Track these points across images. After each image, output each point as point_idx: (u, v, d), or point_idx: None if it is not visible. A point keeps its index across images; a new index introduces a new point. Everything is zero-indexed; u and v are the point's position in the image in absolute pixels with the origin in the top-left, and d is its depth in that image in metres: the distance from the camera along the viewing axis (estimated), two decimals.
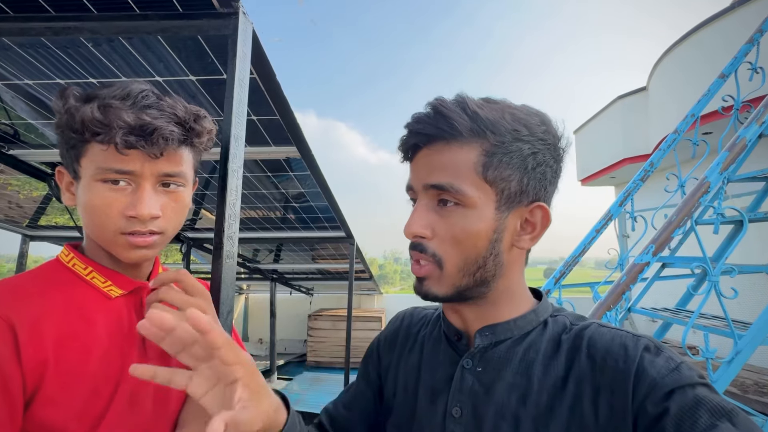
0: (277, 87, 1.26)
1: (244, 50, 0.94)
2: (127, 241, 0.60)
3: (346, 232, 3.01)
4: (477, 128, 0.47)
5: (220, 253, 0.84)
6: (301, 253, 4.44)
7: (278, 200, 2.62)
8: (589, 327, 0.49)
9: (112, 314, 0.63)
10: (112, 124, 0.55)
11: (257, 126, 1.55)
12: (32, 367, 0.53)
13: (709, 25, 4.25)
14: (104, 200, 0.58)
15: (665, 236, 1.52)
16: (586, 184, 7.60)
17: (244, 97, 0.93)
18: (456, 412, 0.52)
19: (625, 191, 2.47)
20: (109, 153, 0.57)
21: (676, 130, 2.46)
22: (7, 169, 2.01)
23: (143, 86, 0.62)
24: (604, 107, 6.71)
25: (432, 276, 0.51)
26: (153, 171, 0.60)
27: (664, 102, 5.03)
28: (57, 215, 3.12)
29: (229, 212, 0.86)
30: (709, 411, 0.38)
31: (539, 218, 0.51)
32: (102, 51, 1.20)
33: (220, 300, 0.83)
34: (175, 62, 1.23)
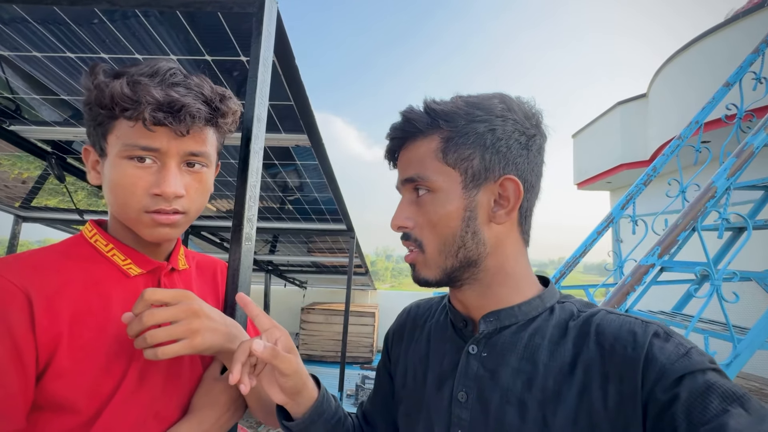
0: (295, 71, 1.24)
1: (269, 29, 0.91)
2: (152, 219, 0.59)
3: (348, 225, 2.99)
4: (432, 121, 0.52)
5: (239, 236, 0.82)
6: (298, 245, 4.41)
7: (282, 190, 2.59)
8: (597, 314, 0.49)
9: (128, 292, 0.62)
10: (141, 99, 0.55)
11: (269, 111, 1.52)
12: (46, 340, 0.52)
13: (713, 34, 4.30)
14: (129, 178, 0.58)
15: (671, 239, 1.53)
16: (582, 188, 7.67)
17: (267, 78, 0.91)
18: (462, 397, 0.53)
19: (627, 195, 2.49)
20: (136, 130, 0.57)
21: (680, 137, 2.48)
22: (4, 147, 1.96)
23: (171, 64, 0.61)
24: (603, 113, 6.77)
25: (418, 260, 0.55)
26: (178, 149, 0.60)
27: (665, 109, 5.08)
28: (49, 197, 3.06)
29: (250, 194, 0.85)
30: (721, 396, 0.38)
31: (511, 191, 0.52)
32: (117, 27, 1.17)
33: (239, 283, 0.81)
34: (192, 41, 1.20)
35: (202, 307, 0.58)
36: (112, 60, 1.30)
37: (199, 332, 0.56)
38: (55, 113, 1.73)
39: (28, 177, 2.64)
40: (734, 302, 1.54)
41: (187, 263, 0.77)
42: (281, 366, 0.53)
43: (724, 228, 1.61)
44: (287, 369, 0.54)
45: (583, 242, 2.47)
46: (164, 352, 0.53)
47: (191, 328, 0.55)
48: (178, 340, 0.55)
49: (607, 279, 2.70)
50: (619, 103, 6.35)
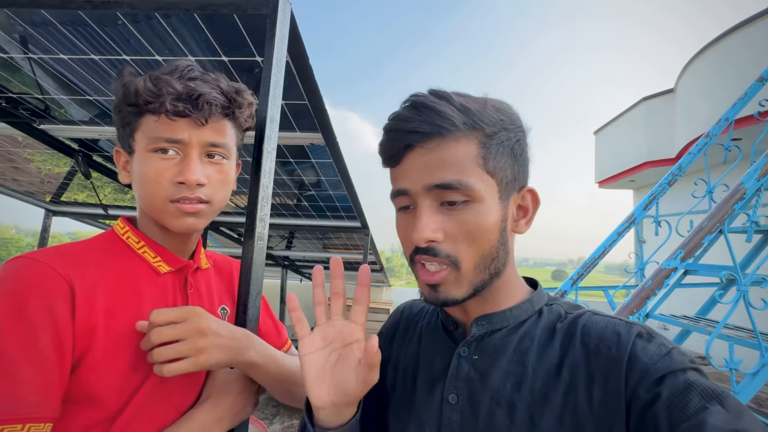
0: (309, 71, 1.25)
1: (283, 30, 0.92)
2: (177, 208, 0.62)
3: (362, 223, 3.00)
4: (470, 121, 0.47)
5: (251, 235, 0.84)
6: (314, 241, 4.46)
7: (298, 187, 2.62)
8: (583, 315, 0.50)
9: (158, 290, 0.65)
10: (162, 91, 0.59)
11: (284, 110, 1.54)
12: (84, 331, 0.54)
13: (745, 27, 4.09)
14: (155, 169, 0.61)
15: (695, 242, 1.48)
16: (604, 186, 7.46)
17: (280, 79, 0.92)
18: (452, 399, 0.52)
19: (650, 195, 2.41)
20: (160, 123, 0.61)
21: (708, 134, 2.38)
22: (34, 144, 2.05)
23: (188, 62, 0.65)
24: (627, 109, 6.55)
25: (448, 280, 0.49)
26: (199, 140, 0.63)
27: (693, 105, 4.88)
28: (78, 192, 3.19)
29: (262, 194, 0.86)
30: (700, 394, 0.39)
31: (530, 201, 0.53)
32: (138, 29, 1.20)
33: (251, 281, 0.83)
34: (209, 43, 1.22)
35: (209, 325, 0.59)
36: (134, 61, 1.34)
37: (205, 350, 0.58)
38: (81, 112, 1.79)
39: (57, 173, 2.76)
40: (763, 309, 1.47)
41: (208, 262, 0.79)
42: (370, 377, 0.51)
43: (753, 231, 1.54)
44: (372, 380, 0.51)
45: (602, 243, 2.41)
46: (169, 370, 0.56)
47: (197, 347, 0.57)
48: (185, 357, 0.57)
49: (627, 281, 2.63)
50: (644, 98, 6.13)
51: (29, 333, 0.50)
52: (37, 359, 0.50)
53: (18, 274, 0.52)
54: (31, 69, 1.48)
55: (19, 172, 2.70)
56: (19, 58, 1.42)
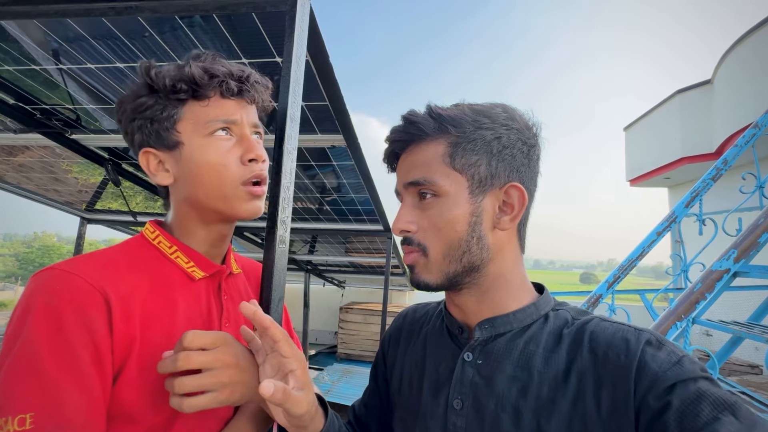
0: (329, 69, 1.22)
1: (302, 27, 0.89)
2: (248, 191, 0.61)
3: (384, 226, 2.96)
4: (440, 126, 0.52)
5: (273, 237, 0.81)
6: (336, 245, 4.45)
7: (320, 191, 2.61)
8: (591, 321, 0.50)
9: (192, 297, 0.61)
10: (217, 73, 0.58)
11: (305, 112, 1.52)
12: (122, 344, 0.51)
13: None
14: (219, 153, 0.59)
15: (751, 241, 1.35)
16: (636, 184, 7.13)
17: (300, 77, 0.89)
18: (457, 404, 0.52)
19: (693, 191, 2.25)
20: (211, 108, 0.59)
21: (756, 125, 2.20)
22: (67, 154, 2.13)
23: (201, 51, 0.64)
24: (660, 102, 6.25)
25: (419, 263, 0.53)
26: (248, 120, 0.63)
27: (735, 96, 4.58)
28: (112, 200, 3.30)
29: (284, 195, 0.83)
30: (712, 404, 0.38)
31: (516, 198, 0.52)
32: (164, 39, 1.22)
33: (272, 286, 0.79)
34: (232, 48, 1.22)
35: (237, 358, 0.53)
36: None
37: (228, 386, 0.52)
38: (111, 122, 1.84)
39: (93, 183, 2.86)
40: None
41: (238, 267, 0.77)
42: (292, 409, 0.50)
43: None
44: (297, 412, 0.50)
45: (640, 244, 2.26)
46: (190, 405, 0.49)
47: (221, 381, 0.51)
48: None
49: (668, 284, 2.46)
50: (679, 91, 5.83)
51: (68, 352, 0.47)
52: (80, 379, 0.47)
53: (50, 288, 0.49)
54: (63, 80, 1.53)
55: (59, 183, 2.82)
56: (52, 69, 1.47)
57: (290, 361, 0.52)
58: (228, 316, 0.66)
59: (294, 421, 0.53)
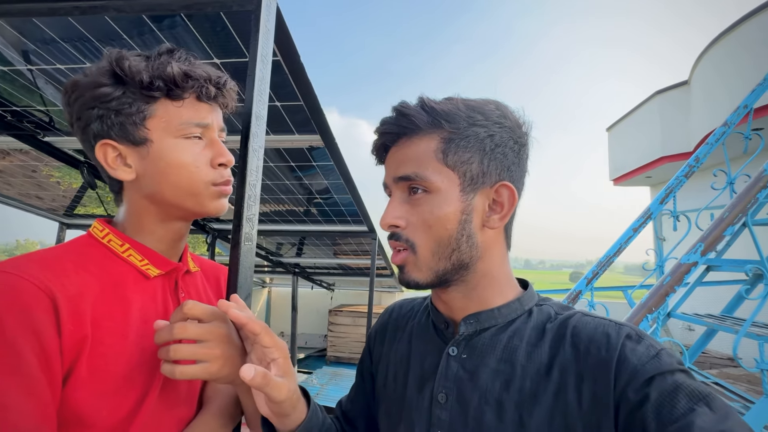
0: (300, 69, 1.23)
1: (268, 26, 0.90)
2: (218, 191, 0.62)
3: (369, 227, 2.97)
4: (434, 120, 0.51)
5: (239, 235, 0.81)
6: (323, 247, 4.45)
7: (302, 193, 2.61)
8: (573, 316, 0.51)
9: (147, 295, 0.60)
10: (195, 76, 0.58)
11: (281, 112, 1.52)
12: (71, 345, 0.50)
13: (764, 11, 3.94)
14: (191, 154, 0.59)
15: (716, 234, 1.39)
16: (619, 183, 7.26)
17: (266, 75, 0.89)
18: (441, 398, 0.53)
19: (667, 188, 2.31)
20: (186, 108, 0.59)
21: (726, 123, 2.27)
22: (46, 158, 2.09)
23: (171, 46, 0.62)
24: (641, 103, 6.38)
25: (409, 262, 0.53)
26: (218, 123, 0.63)
27: (710, 95, 4.71)
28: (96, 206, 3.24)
29: (249, 193, 0.83)
30: (688, 395, 0.39)
31: (506, 197, 0.52)
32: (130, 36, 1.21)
33: (238, 283, 0.79)
34: (201, 46, 1.22)
35: (231, 334, 0.54)
36: None
37: (219, 359, 0.53)
38: None
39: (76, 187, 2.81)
40: None
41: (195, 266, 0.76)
42: (272, 394, 0.50)
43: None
44: (277, 397, 0.51)
45: (617, 240, 2.31)
46: (182, 372, 0.50)
47: (214, 353, 0.52)
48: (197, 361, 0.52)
49: (646, 279, 2.51)
50: (658, 92, 5.97)
51: (12, 355, 0.45)
52: (26, 383, 0.46)
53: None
54: (33, 82, 1.50)
55: (41, 188, 2.76)
56: (24, 71, 1.45)
57: (272, 350, 0.52)
58: None
59: (275, 407, 0.53)
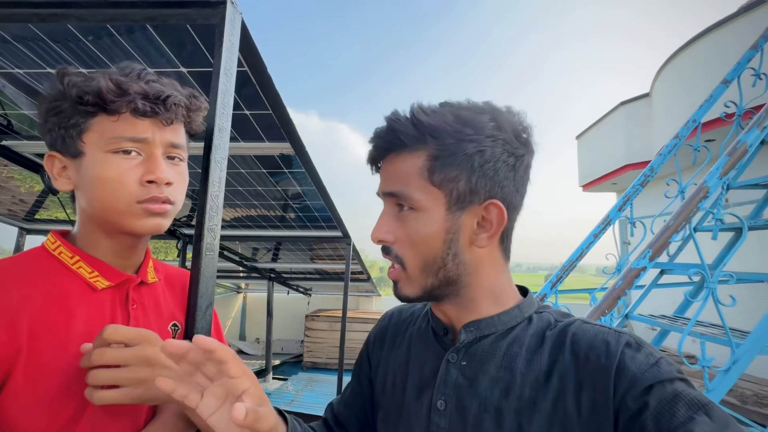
0: (268, 80, 1.24)
1: (232, 40, 0.92)
2: (143, 209, 0.60)
3: (343, 232, 2.99)
4: (420, 136, 0.49)
5: (200, 245, 0.82)
6: (299, 252, 4.42)
7: (276, 199, 2.60)
8: (573, 323, 0.50)
9: (94, 308, 0.61)
10: (129, 91, 0.57)
11: (251, 121, 1.53)
12: (3, 355, 0.50)
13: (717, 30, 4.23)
14: (118, 170, 0.58)
15: (662, 241, 1.49)
16: (588, 189, 7.56)
17: (230, 87, 0.91)
18: (441, 405, 0.53)
19: (624, 196, 2.44)
20: (121, 123, 0.59)
21: (677, 136, 2.43)
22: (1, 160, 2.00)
23: (141, 66, 0.63)
24: (607, 113, 6.69)
25: (401, 278, 0.53)
26: (162, 140, 0.61)
27: (667, 108, 5.00)
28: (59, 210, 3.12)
29: (211, 204, 0.84)
30: (687, 404, 0.39)
31: (495, 216, 0.51)
32: (94, 43, 1.19)
33: (199, 293, 0.80)
34: (166, 53, 1.22)
35: (158, 355, 0.53)
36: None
37: (144, 383, 0.52)
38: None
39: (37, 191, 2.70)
40: (731, 305, 1.48)
41: (156, 276, 0.76)
42: (261, 428, 0.48)
43: (718, 229, 1.57)
44: (265, 428, 0.48)
45: (579, 245, 2.42)
46: (99, 397, 0.50)
47: (137, 377, 0.52)
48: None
49: (606, 282, 2.64)
50: (622, 103, 6.27)
51: None
52: None
53: None
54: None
55: (3, 191, 2.64)
56: None
57: (242, 380, 0.48)
58: (137, 326, 0.65)
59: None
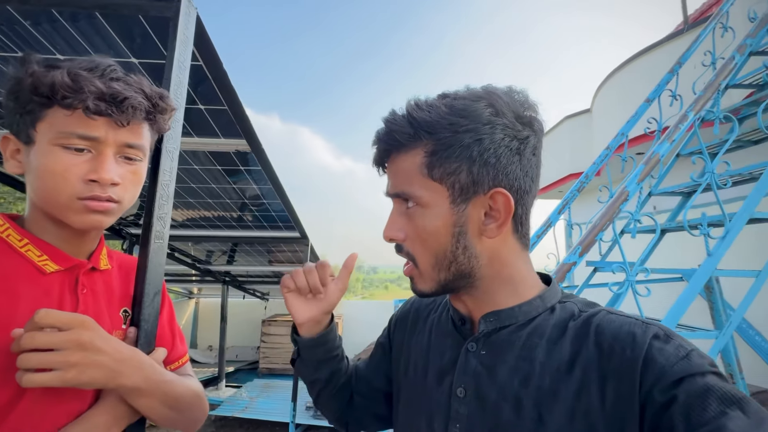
0: (223, 76, 1.26)
1: (186, 34, 0.94)
2: (84, 205, 0.59)
3: (301, 233, 2.99)
4: (415, 133, 0.50)
5: (148, 233, 0.83)
6: (256, 255, 4.33)
7: (233, 198, 2.56)
8: (598, 314, 0.49)
9: (41, 290, 0.61)
10: (84, 89, 0.56)
11: (205, 116, 1.53)
12: None
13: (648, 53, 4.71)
14: (63, 165, 0.58)
15: (590, 238, 1.66)
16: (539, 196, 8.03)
17: (183, 80, 0.93)
18: (460, 393, 0.53)
19: (563, 201, 2.66)
20: (74, 118, 0.58)
21: (608, 147, 2.70)
22: None
23: (109, 61, 0.63)
24: (554, 126, 7.18)
25: (414, 274, 0.55)
26: (116, 140, 0.61)
27: (606, 122, 5.47)
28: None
29: (161, 192, 0.85)
30: (719, 399, 0.37)
31: (501, 204, 0.50)
32: (42, 31, 1.15)
33: (147, 280, 0.81)
34: (115, 43, 1.20)
35: (93, 340, 0.54)
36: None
37: (77, 366, 0.52)
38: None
39: None
40: (646, 296, 1.68)
41: (109, 263, 0.76)
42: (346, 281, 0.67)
43: (636, 230, 1.77)
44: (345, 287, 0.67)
45: None
46: (28, 380, 0.50)
47: (68, 360, 0.52)
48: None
49: None
50: (567, 117, 6.77)
51: None
52: None
53: None
54: None
55: None
56: None
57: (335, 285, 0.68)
58: (86, 310, 0.65)
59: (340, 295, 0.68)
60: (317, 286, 0.66)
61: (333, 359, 0.71)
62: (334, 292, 0.67)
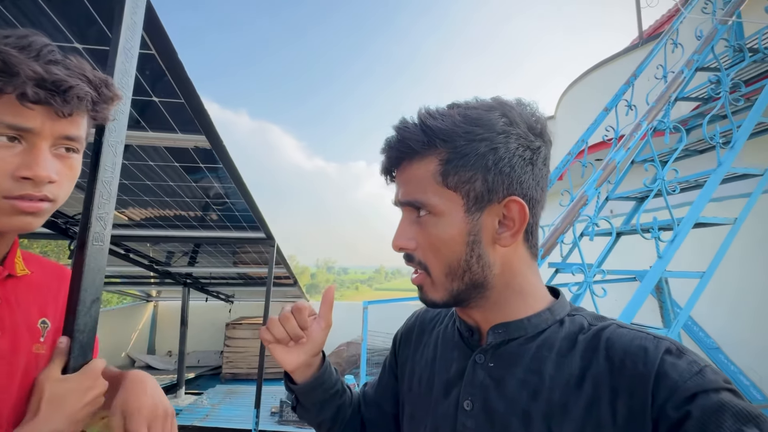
0: (178, 66, 1.19)
1: (134, 18, 0.87)
2: (12, 206, 0.52)
3: (266, 233, 2.90)
4: (430, 141, 0.49)
5: (86, 235, 0.76)
6: (220, 256, 4.17)
7: (194, 197, 2.44)
8: (607, 328, 0.48)
9: None
10: (21, 73, 0.49)
11: (160, 109, 1.44)
12: None
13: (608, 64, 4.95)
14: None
15: (552, 240, 1.71)
16: None
17: (130, 69, 0.85)
18: (467, 405, 0.52)
19: None
20: (3, 105, 0.50)
21: (569, 153, 2.80)
22: None
23: (45, 39, 0.55)
24: None
25: (425, 283, 0.53)
26: (53, 132, 0.54)
27: (568, 129, 5.71)
28: None
29: (102, 190, 0.78)
30: (735, 416, 0.37)
31: (516, 213, 0.50)
32: None
33: (83, 287, 0.74)
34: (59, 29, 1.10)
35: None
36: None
37: None
38: None
39: None
40: (602, 296, 1.75)
41: (27, 268, 0.69)
42: (329, 318, 0.64)
43: (594, 232, 1.84)
44: (329, 323, 0.64)
45: None
46: None
47: None
48: None
49: None
50: None
51: None
52: None
53: None
54: None
55: None
56: None
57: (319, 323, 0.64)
58: (1, 327, 0.59)
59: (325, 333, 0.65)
60: (297, 333, 0.62)
61: (334, 396, 0.68)
62: (318, 332, 0.64)
